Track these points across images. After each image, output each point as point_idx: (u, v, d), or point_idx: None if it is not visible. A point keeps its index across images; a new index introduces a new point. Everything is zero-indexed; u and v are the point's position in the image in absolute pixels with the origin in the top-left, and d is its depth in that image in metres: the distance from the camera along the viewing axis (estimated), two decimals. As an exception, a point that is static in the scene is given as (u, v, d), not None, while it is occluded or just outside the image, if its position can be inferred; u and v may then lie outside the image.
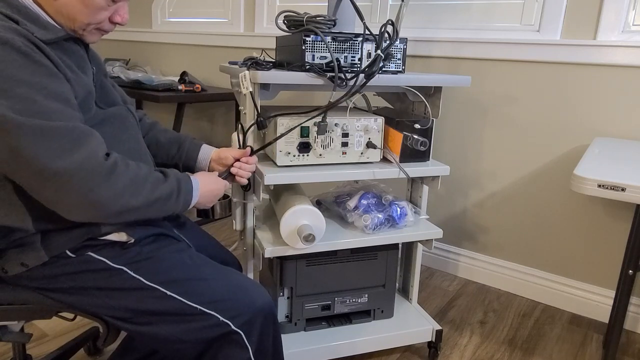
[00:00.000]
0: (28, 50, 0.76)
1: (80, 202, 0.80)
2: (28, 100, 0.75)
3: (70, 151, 0.77)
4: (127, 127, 0.99)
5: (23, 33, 0.77)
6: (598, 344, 1.61)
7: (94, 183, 0.79)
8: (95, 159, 0.80)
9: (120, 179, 0.82)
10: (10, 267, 0.88)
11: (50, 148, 0.76)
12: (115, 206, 0.82)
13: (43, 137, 0.75)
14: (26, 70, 0.75)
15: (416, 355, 1.50)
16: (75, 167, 0.77)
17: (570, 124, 1.72)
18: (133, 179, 0.84)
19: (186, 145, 1.16)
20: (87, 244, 0.90)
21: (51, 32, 0.83)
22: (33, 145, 0.75)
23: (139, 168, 0.87)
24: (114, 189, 0.81)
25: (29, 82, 0.75)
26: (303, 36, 1.16)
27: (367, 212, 1.31)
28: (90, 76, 0.93)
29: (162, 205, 0.89)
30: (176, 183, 0.92)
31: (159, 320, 0.91)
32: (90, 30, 0.90)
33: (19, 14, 0.81)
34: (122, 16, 0.92)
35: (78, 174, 0.78)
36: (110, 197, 0.81)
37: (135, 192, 0.84)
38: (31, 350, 1.41)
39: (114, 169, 0.82)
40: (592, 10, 1.62)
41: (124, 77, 2.47)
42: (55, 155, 0.76)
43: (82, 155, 0.78)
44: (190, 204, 0.95)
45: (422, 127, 1.29)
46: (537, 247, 1.87)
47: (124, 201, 0.83)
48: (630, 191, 0.96)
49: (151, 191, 0.87)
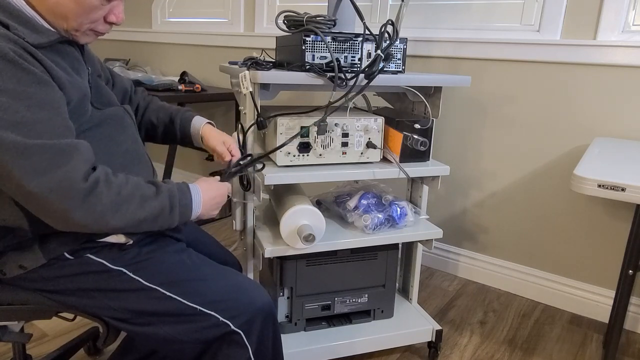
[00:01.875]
0: (16, 58, 0.74)
1: (60, 221, 0.78)
2: (10, 111, 0.72)
3: (44, 172, 0.74)
4: (125, 127, 0.98)
5: (13, 39, 0.75)
6: (598, 344, 1.61)
7: (69, 206, 0.76)
8: (71, 181, 0.76)
9: (100, 200, 0.79)
10: (8, 269, 0.88)
11: (25, 167, 0.73)
12: (95, 228, 0.80)
13: (18, 154, 0.73)
14: (11, 79, 0.73)
15: (416, 355, 1.50)
16: (47, 189, 0.75)
17: (570, 124, 1.72)
18: (114, 200, 0.80)
19: (178, 122, 1.16)
20: (85, 246, 0.90)
21: (44, 36, 0.81)
22: (9, 163, 0.73)
23: (126, 185, 0.83)
24: (92, 211, 0.78)
25: (13, 91, 0.73)
26: (303, 36, 1.16)
27: (367, 212, 1.31)
28: (85, 78, 0.91)
29: (152, 223, 0.86)
30: (168, 199, 0.87)
31: (159, 320, 0.90)
32: (84, 31, 0.87)
33: (10, 18, 0.78)
34: (117, 16, 0.88)
35: (51, 197, 0.75)
36: (89, 219, 0.78)
37: (116, 214, 0.80)
38: (31, 350, 1.41)
39: (93, 189, 0.78)
40: (592, 10, 1.62)
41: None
42: (28, 174, 0.73)
43: (57, 177, 0.75)
44: (191, 216, 0.92)
45: (422, 127, 1.29)
46: (537, 247, 1.87)
47: (103, 223, 0.80)
48: (630, 191, 0.96)
49: (135, 211, 0.83)
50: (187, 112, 1.17)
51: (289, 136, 1.19)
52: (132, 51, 3.21)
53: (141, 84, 2.35)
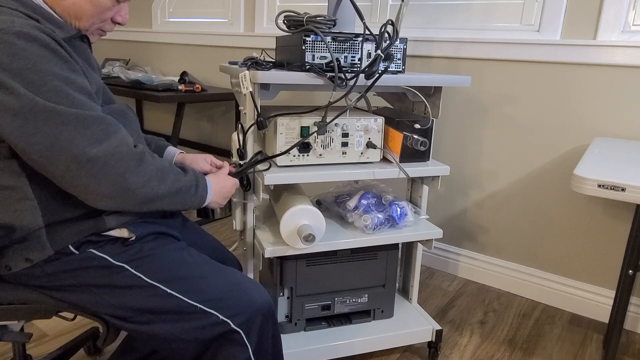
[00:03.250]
0: (55, 47, 0.80)
1: (111, 188, 0.83)
2: (62, 92, 0.79)
3: (103, 139, 0.82)
4: (129, 122, 1.01)
5: (46, 31, 0.80)
6: (598, 344, 1.61)
7: (126, 169, 0.83)
8: (127, 147, 0.84)
9: (149, 167, 0.87)
10: (14, 263, 0.88)
11: (86, 135, 0.80)
12: (143, 193, 0.86)
13: (79, 125, 0.79)
14: (56, 65, 0.79)
15: (416, 355, 1.50)
16: (108, 153, 0.82)
17: (570, 124, 1.72)
18: (159, 168, 0.89)
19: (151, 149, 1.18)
20: (89, 239, 0.90)
21: (65, 31, 0.86)
22: (70, 133, 0.79)
23: (163, 160, 0.92)
24: (143, 175, 0.86)
25: (60, 76, 0.79)
26: (303, 36, 1.16)
27: (367, 212, 1.31)
28: (98, 73, 0.96)
29: (184, 196, 0.93)
30: (194, 178, 0.96)
31: (159, 319, 0.91)
32: (92, 30, 0.93)
33: (36, 14, 0.83)
34: (123, 16, 0.95)
35: (111, 161, 0.82)
36: (140, 183, 0.85)
37: (161, 181, 0.88)
38: (31, 350, 1.41)
39: (143, 157, 0.87)
40: (592, 10, 1.62)
41: (124, 77, 2.47)
42: (90, 142, 0.80)
43: (115, 143, 0.83)
44: (206, 200, 0.99)
45: (422, 127, 1.29)
46: (537, 247, 1.87)
47: (150, 188, 0.87)
48: (630, 191, 0.96)
49: (174, 181, 0.91)
50: (162, 141, 1.21)
51: (289, 136, 1.20)
52: (132, 51, 3.21)
53: (141, 84, 2.35)
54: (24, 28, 0.77)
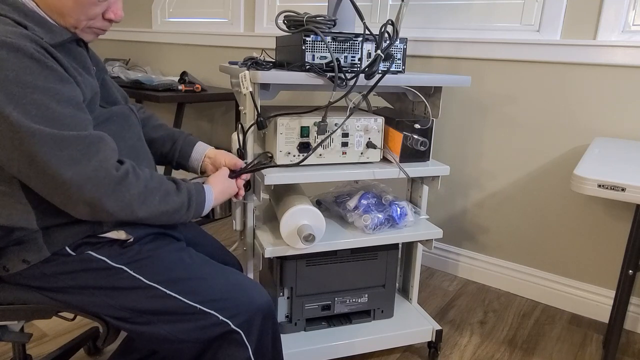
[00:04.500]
0: (40, 57, 0.77)
1: (88, 209, 0.82)
2: (42, 107, 0.76)
3: (80, 161, 0.79)
4: (130, 125, 0.99)
5: (33, 39, 0.77)
6: (598, 344, 1.61)
7: (102, 194, 0.81)
8: (105, 170, 0.81)
9: (130, 190, 0.84)
10: (11, 264, 0.88)
11: (62, 157, 0.77)
12: (123, 215, 0.84)
13: (55, 145, 0.77)
14: (39, 77, 0.76)
15: (416, 355, 1.50)
16: (84, 177, 0.79)
17: (570, 124, 1.72)
18: (142, 191, 0.86)
19: (180, 143, 1.17)
20: (87, 241, 0.90)
21: (57, 36, 0.83)
22: (46, 154, 0.76)
23: (151, 179, 0.88)
24: (121, 200, 0.83)
25: (43, 88, 0.76)
26: (303, 36, 1.16)
27: (367, 212, 1.31)
28: (94, 76, 0.93)
29: (170, 217, 0.91)
30: (187, 196, 0.93)
31: (159, 319, 0.91)
32: (82, 28, 0.88)
33: (26, 19, 0.80)
34: (115, 13, 0.90)
35: (86, 185, 0.79)
36: (117, 207, 0.83)
37: (143, 205, 0.86)
38: (31, 350, 1.41)
39: (124, 179, 0.83)
40: (592, 10, 1.62)
41: (124, 77, 2.47)
42: (66, 164, 0.77)
43: (92, 166, 0.80)
44: (202, 213, 0.98)
45: (422, 127, 1.29)
46: (537, 247, 1.87)
47: (130, 212, 0.84)
48: (630, 191, 0.96)
49: (159, 204, 0.88)
50: (190, 136, 1.20)
51: (289, 136, 1.20)
52: (132, 51, 3.21)
53: (141, 84, 2.35)
54: (7, 37, 0.74)
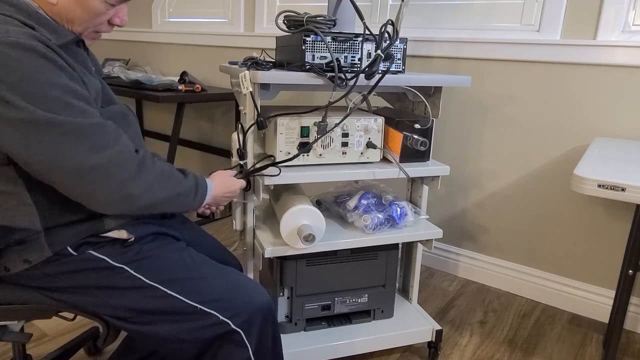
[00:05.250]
0: (52, 56, 0.78)
1: (114, 195, 0.84)
2: (62, 102, 0.78)
3: (104, 147, 0.82)
4: (129, 124, 1.00)
5: (41, 39, 0.78)
6: (598, 344, 1.61)
7: (127, 176, 0.84)
8: (128, 154, 0.85)
9: (150, 173, 0.88)
10: (13, 264, 0.88)
11: (87, 144, 0.80)
12: (145, 198, 0.87)
13: (80, 134, 0.79)
14: (53, 74, 0.78)
15: (416, 355, 1.50)
16: (110, 161, 0.82)
17: (570, 124, 1.72)
18: (160, 173, 0.90)
19: None
20: (88, 240, 0.90)
21: (62, 37, 0.84)
22: (72, 143, 0.78)
23: (163, 164, 0.93)
24: (144, 182, 0.86)
25: (59, 85, 0.78)
26: (303, 36, 1.16)
27: (367, 212, 1.31)
28: (95, 77, 0.94)
29: (184, 200, 0.95)
30: (194, 181, 0.98)
31: (159, 319, 0.91)
32: (87, 33, 0.91)
33: (31, 19, 0.81)
34: (121, 18, 0.93)
35: (112, 168, 0.82)
36: (141, 189, 0.86)
37: (161, 186, 0.89)
38: (31, 350, 1.41)
39: (144, 162, 0.87)
40: (592, 10, 1.62)
41: (124, 77, 2.47)
42: (92, 150, 0.80)
43: (116, 150, 0.83)
44: (204, 201, 1.01)
45: (422, 127, 1.29)
46: (537, 247, 1.87)
47: (152, 194, 0.88)
48: (630, 191, 0.96)
49: (175, 186, 0.92)
50: None
51: (289, 136, 1.20)
52: (132, 51, 3.21)
53: (141, 84, 2.35)
54: (19, 38, 0.75)
